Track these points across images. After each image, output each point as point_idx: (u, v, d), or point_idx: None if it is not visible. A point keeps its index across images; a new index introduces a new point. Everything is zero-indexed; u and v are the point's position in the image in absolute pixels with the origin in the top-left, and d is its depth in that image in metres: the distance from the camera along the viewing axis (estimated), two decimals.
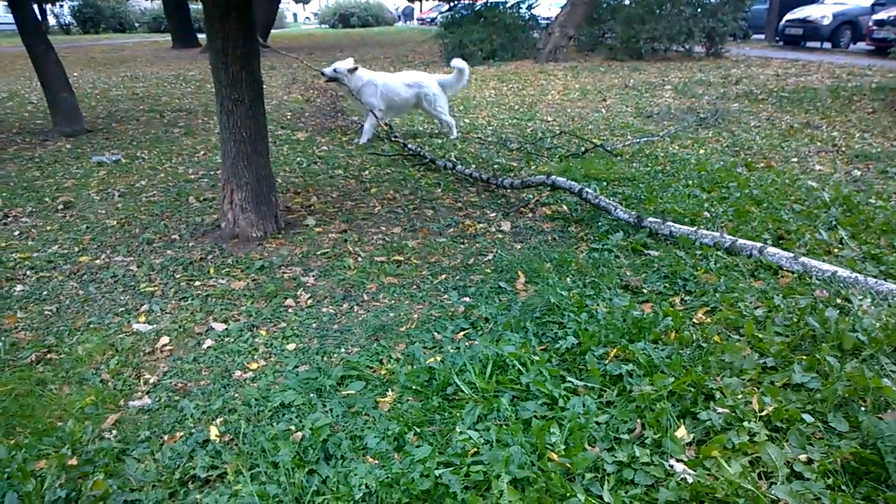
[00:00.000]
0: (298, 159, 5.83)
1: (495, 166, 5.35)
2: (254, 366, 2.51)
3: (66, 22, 32.24)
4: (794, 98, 8.09)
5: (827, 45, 15.14)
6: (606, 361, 2.30)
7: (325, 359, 2.52)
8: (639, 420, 1.99)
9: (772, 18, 16.78)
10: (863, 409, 1.94)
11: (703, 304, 2.75)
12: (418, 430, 1.99)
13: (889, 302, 2.60)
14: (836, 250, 3.23)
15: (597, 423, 1.98)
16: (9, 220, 4.31)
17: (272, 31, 21.57)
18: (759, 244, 3.21)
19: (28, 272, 3.46)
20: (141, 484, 1.87)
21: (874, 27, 13.12)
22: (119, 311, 3.01)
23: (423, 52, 16.11)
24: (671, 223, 3.57)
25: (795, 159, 5.21)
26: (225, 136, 3.76)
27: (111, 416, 2.21)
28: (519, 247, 3.61)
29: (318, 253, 3.63)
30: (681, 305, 2.77)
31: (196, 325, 2.85)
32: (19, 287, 3.28)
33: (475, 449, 1.86)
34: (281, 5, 26.22)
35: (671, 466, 1.79)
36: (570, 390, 2.15)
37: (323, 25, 40.03)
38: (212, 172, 5.34)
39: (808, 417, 1.92)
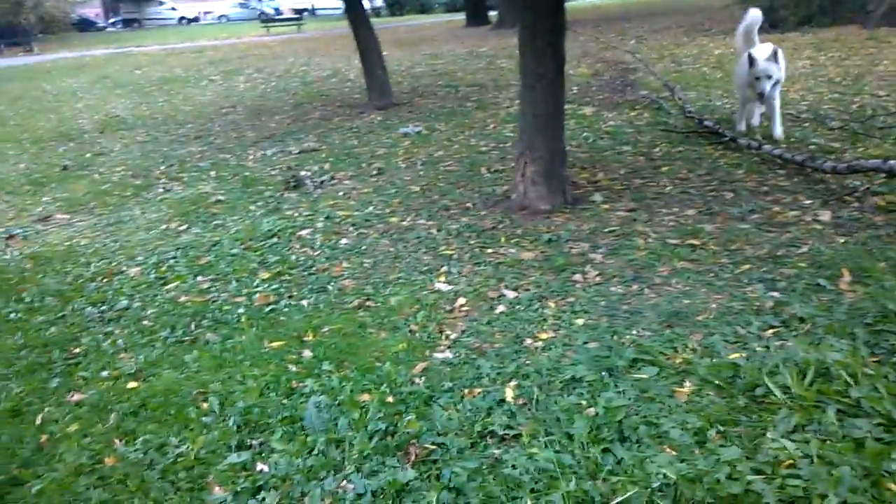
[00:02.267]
0: (585, 134, 5.82)
1: (811, 147, 4.70)
2: (543, 336, 2.59)
3: (377, 6, 36.44)
4: None
5: None
6: None
7: (615, 338, 2.50)
8: None
9: None
10: None
11: None
12: (721, 428, 1.88)
13: None
14: None
15: None
16: (335, 181, 5.07)
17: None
18: None
19: (350, 228, 4.04)
20: (445, 430, 2.06)
21: None
22: (423, 270, 3.35)
23: (722, 20, 14.74)
24: None
25: None
26: (525, 109, 3.91)
27: (420, 364, 2.48)
28: (842, 241, 3.14)
29: (606, 230, 3.59)
30: None
31: (489, 290, 3.05)
32: (344, 241, 3.86)
33: (791, 461, 1.69)
34: None
35: None
36: None
37: None
38: (501, 145, 5.61)
39: None
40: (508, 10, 17.93)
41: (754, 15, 5.16)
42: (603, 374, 2.25)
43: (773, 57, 4.59)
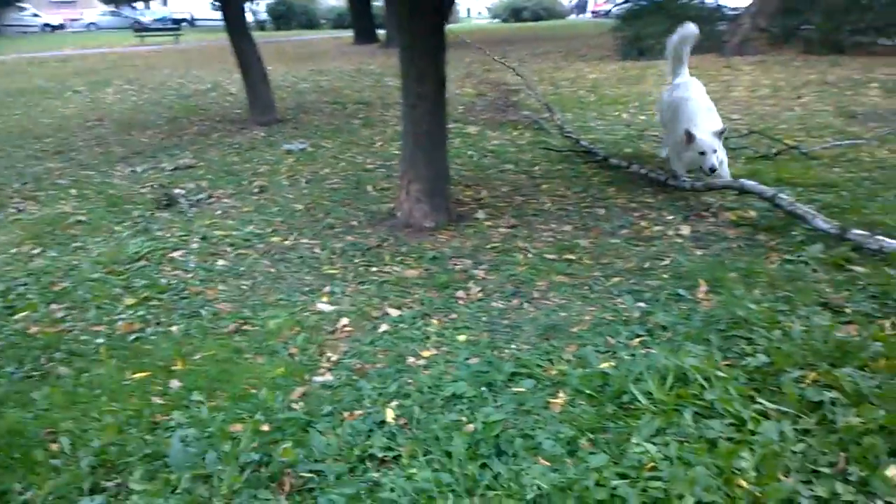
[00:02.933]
0: (469, 153, 5.95)
1: None
2: (426, 354, 2.59)
3: (262, 19, 35.55)
4: None
5: None
6: (804, 385, 2.09)
7: (495, 353, 2.55)
8: (842, 454, 1.79)
9: None
10: None
11: None
12: (592, 436, 1.95)
13: None
14: None
15: (792, 451, 1.80)
16: (213, 200, 4.85)
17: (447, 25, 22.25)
18: None
19: (228, 248, 3.87)
20: (324, 456, 2.00)
21: None
22: (305, 290, 3.26)
23: (596, 47, 15.69)
24: (882, 237, 3.16)
25: None
26: (406, 129, 3.93)
27: (298, 389, 2.40)
28: (700, 253, 3.40)
29: (488, 247, 3.67)
30: (891, 330, 2.44)
31: (373, 309, 3.01)
32: (221, 262, 3.68)
33: (653, 464, 1.78)
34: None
35: None
36: (760, 413, 1.98)
37: (495, 20, 40.45)
38: (388, 163, 5.61)
39: None
40: (396, 29, 18.11)
41: (688, 30, 4.80)
42: (483, 389, 2.27)
43: (719, 136, 4.08)
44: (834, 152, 5.11)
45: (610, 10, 26.47)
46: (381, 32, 21.08)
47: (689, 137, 4.02)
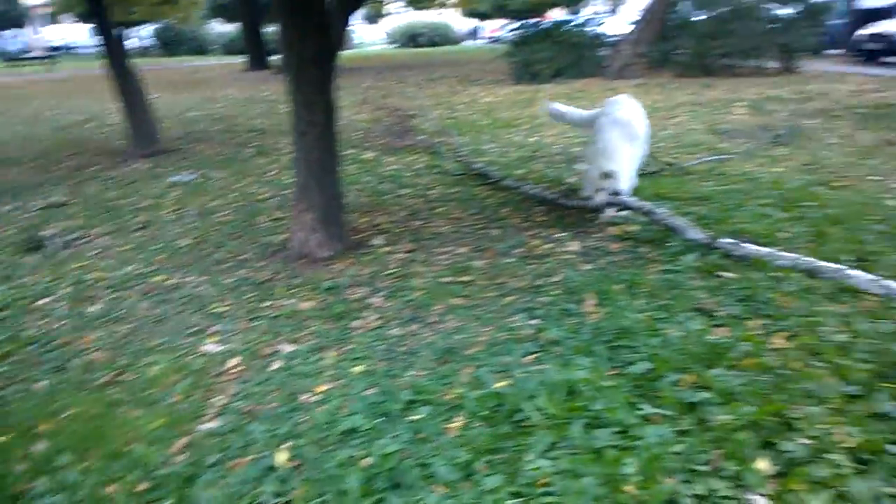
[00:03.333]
0: (366, 178, 5.94)
1: (563, 186, 5.29)
2: (321, 389, 2.53)
3: (147, 45, 34.06)
4: (873, 114, 7.66)
5: None
6: (681, 388, 2.21)
7: (392, 382, 2.52)
8: (716, 450, 1.90)
9: (849, 33, 16.05)
10: None
11: (781, 328, 2.61)
12: (488, 458, 1.96)
13: None
14: None
15: (672, 453, 1.90)
16: (88, 239, 4.54)
17: (343, 51, 22.24)
18: (839, 266, 3.05)
19: (104, 291, 3.62)
20: None
21: None
22: (190, 332, 3.11)
23: (490, 71, 16.19)
24: (747, 244, 3.43)
25: (876, 178, 4.90)
26: (298, 157, 3.87)
27: (181, 440, 2.26)
28: (588, 268, 3.54)
29: (385, 273, 3.66)
30: (758, 330, 2.64)
31: (265, 347, 2.91)
32: (96, 306, 3.44)
33: (546, 479, 1.81)
34: (351, 26, 27.04)
35: (751, 500, 1.71)
36: (643, 418, 2.07)
37: (392, 45, 40.86)
38: (282, 192, 5.49)
39: (893, 448, 1.80)
40: (283, 55, 17.90)
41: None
42: (379, 420, 2.24)
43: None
44: (706, 167, 5.52)
45: (502, 37, 27.52)
46: (275, 58, 20.77)
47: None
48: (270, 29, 23.27)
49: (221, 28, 36.04)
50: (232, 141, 8.21)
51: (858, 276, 2.96)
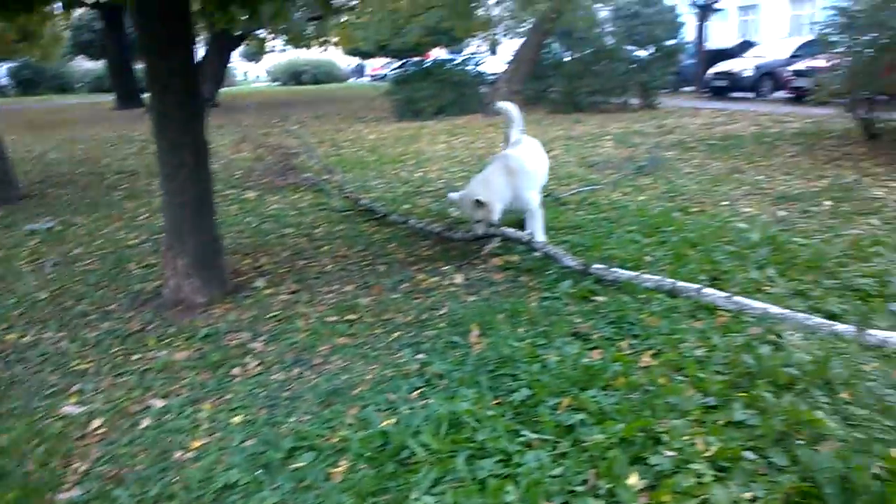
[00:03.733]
0: (248, 219, 5.77)
1: (447, 220, 5.40)
2: (196, 444, 2.39)
3: (2, 84, 31.53)
4: (723, 145, 8.50)
5: (750, 94, 16.08)
6: (559, 411, 2.30)
7: (273, 430, 2.43)
8: (592, 470, 1.99)
9: (699, 71, 17.83)
10: (799, 442, 1.99)
11: (648, 347, 2.80)
12: (373, 500, 1.93)
13: (818, 335, 2.72)
14: (766, 288, 3.35)
15: (551, 476, 1.96)
16: None
17: (221, 88, 21.64)
18: (696, 286, 3.32)
19: None
20: None
21: (792, 77, 14.01)
22: (48, 393, 2.85)
23: (374, 109, 16.37)
24: (616, 269, 3.65)
25: (726, 203, 5.43)
26: (167, 199, 3.70)
27: None
28: (472, 299, 3.62)
29: (268, 316, 3.55)
30: (628, 350, 2.81)
31: (132, 404, 2.72)
32: None
33: None
34: (230, 63, 26.44)
35: None
36: (524, 444, 2.13)
37: (274, 83, 40.33)
38: (154, 237, 5.21)
39: (749, 455, 1.97)
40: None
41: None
42: (259, 472, 2.15)
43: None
44: (579, 197, 5.85)
45: (386, 74, 28.03)
46: (146, 96, 19.87)
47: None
48: (141, 65, 22.33)
49: (88, 65, 34.08)
50: (98, 184, 7.72)
51: (713, 294, 3.23)
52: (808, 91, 9.01)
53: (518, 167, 4.44)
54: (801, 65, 13.83)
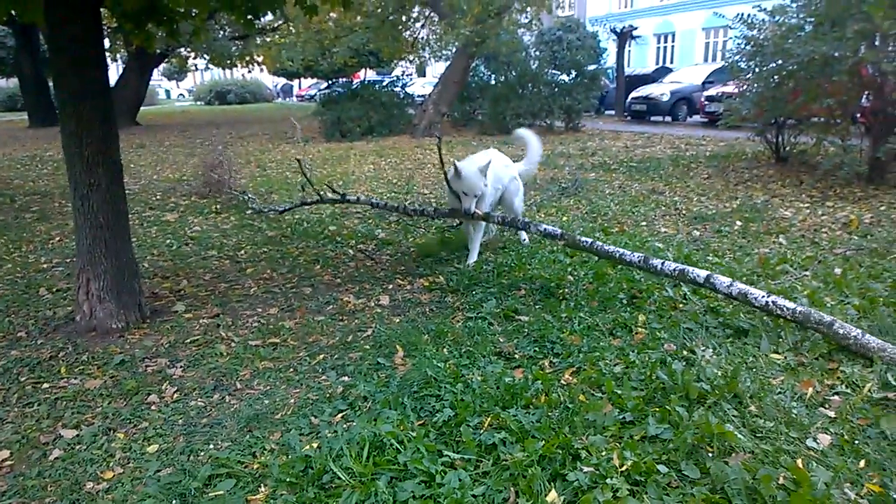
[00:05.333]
0: (168, 241, 5.59)
1: (374, 241, 5.41)
2: (109, 475, 2.29)
3: None
4: (642, 167, 8.90)
5: (668, 118, 16.94)
6: (481, 431, 2.33)
7: (191, 458, 2.36)
8: (512, 488, 2.02)
9: (619, 96, 18.65)
10: (710, 455, 2.10)
11: (569, 364, 2.88)
12: None
13: (728, 349, 2.88)
14: (681, 305, 3.53)
15: (473, 496, 1.98)
16: None
17: (142, 107, 20.92)
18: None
19: None
20: None
21: (706, 102, 14.88)
22: None
23: (302, 129, 16.19)
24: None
25: (644, 223, 5.70)
26: (80, 222, 3.55)
27: None
28: (398, 320, 3.63)
29: (188, 341, 3.45)
30: (549, 368, 2.89)
31: (42, 434, 2.58)
32: None
33: None
34: (152, 82, 25.62)
35: None
36: (447, 465, 2.15)
37: (198, 102, 39.28)
38: (67, 260, 4.97)
39: (663, 468, 2.04)
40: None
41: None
42: (174, 502, 2.08)
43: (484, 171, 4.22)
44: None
45: (314, 95, 27.84)
46: None
47: (457, 172, 4.21)
48: None
49: (0, 83, 32.25)
50: (7, 206, 7.29)
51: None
52: (720, 116, 9.56)
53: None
54: (713, 90, 14.71)
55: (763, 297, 3.04)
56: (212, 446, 2.44)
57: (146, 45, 4.00)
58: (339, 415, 2.60)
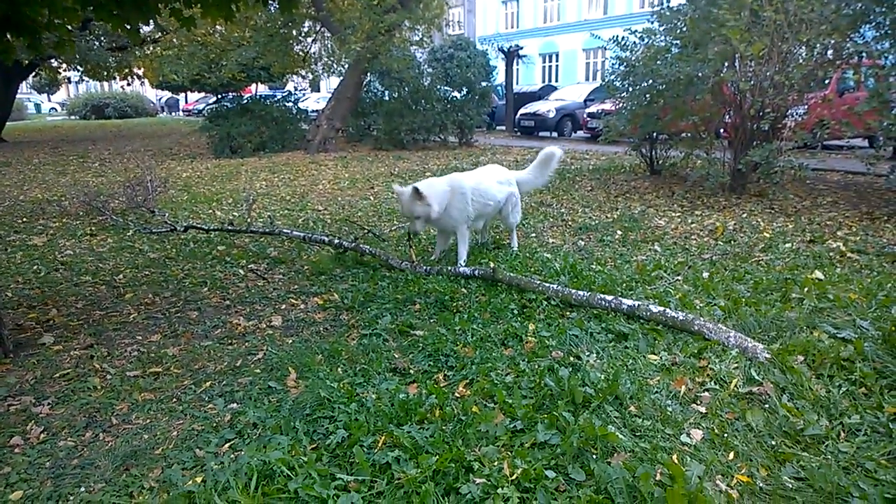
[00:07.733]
0: (35, 268, 5.14)
1: (266, 259, 5.24)
2: None
3: None
4: None
5: (554, 134, 17.72)
6: (375, 450, 2.31)
7: (59, 503, 2.17)
8: None
9: (509, 112, 19.32)
10: (594, 456, 2.20)
11: (462, 377, 2.92)
12: None
13: (610, 353, 3.04)
14: (567, 313, 3.68)
15: None
16: None
17: (8, 123, 19.18)
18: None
19: None
20: None
21: (588, 118, 15.72)
22: None
23: (189, 145, 15.51)
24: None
25: (534, 234, 5.91)
26: None
27: None
28: (290, 341, 3.53)
29: (56, 376, 3.17)
30: (444, 382, 2.92)
31: None
32: None
33: None
34: (20, 95, 23.58)
35: None
36: (340, 488, 2.11)
37: (72, 117, 36.57)
38: None
39: (551, 473, 2.12)
40: None
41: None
42: None
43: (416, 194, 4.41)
44: (400, 234, 5.99)
45: (203, 109, 26.76)
46: None
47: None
48: None
49: None
50: None
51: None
52: (601, 131, 10.12)
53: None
54: (593, 107, 15.56)
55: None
56: (83, 489, 2.25)
57: (4, 56, 3.67)
58: (227, 444, 2.48)
